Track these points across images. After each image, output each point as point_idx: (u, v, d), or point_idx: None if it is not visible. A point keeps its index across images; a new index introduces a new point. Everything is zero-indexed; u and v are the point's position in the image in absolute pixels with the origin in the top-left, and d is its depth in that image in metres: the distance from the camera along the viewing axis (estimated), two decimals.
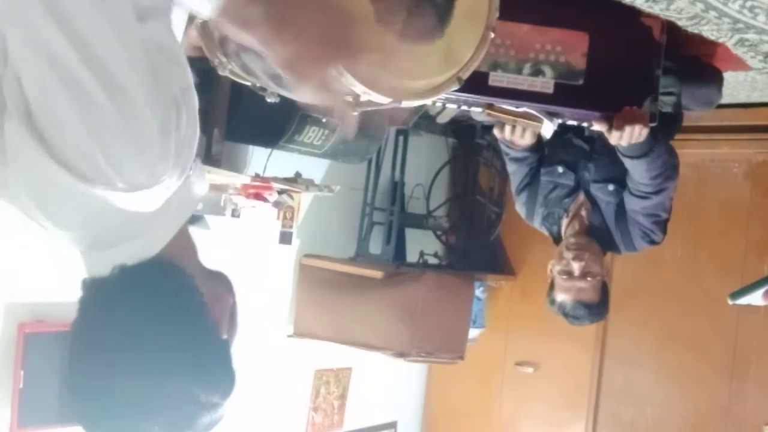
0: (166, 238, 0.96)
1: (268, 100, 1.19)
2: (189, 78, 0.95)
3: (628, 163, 2.32)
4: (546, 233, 2.70)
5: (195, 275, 0.99)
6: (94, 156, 0.84)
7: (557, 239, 2.65)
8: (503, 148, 2.63)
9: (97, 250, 0.94)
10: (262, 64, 1.08)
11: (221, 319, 1.03)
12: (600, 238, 2.53)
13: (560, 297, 2.51)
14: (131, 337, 0.92)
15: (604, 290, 2.54)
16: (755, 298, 1.16)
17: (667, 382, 3.80)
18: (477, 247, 4.09)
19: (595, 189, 2.54)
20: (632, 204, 2.45)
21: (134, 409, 0.92)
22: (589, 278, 2.46)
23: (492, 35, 1.03)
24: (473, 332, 3.93)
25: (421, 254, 3.83)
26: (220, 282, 1.06)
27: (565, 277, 2.48)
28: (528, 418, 4.17)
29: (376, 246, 3.73)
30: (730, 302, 1.19)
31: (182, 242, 1.00)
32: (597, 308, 2.52)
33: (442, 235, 4.15)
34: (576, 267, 2.45)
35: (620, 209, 2.51)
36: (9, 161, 0.88)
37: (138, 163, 0.86)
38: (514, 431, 4.21)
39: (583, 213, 2.56)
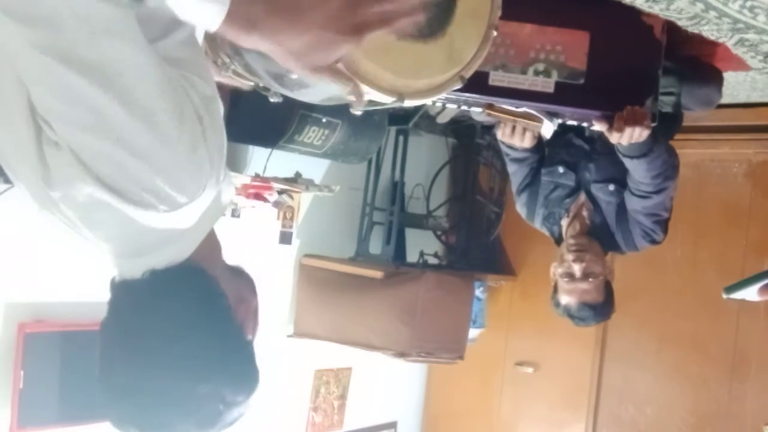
0: (195, 243, 0.99)
1: (271, 100, 1.19)
2: (211, 86, 0.96)
3: (628, 163, 2.32)
4: (547, 233, 2.70)
5: (220, 276, 1.02)
6: (129, 185, 0.86)
7: (558, 240, 2.65)
8: (504, 148, 2.63)
9: (131, 257, 0.96)
10: (264, 64, 1.08)
11: (245, 320, 1.05)
12: (601, 238, 2.53)
13: (564, 299, 2.51)
14: (162, 340, 0.95)
15: (608, 289, 2.53)
16: (750, 294, 1.15)
17: (667, 382, 3.80)
18: (477, 247, 4.09)
19: (595, 189, 2.54)
20: (633, 204, 2.45)
21: (168, 409, 0.95)
22: (591, 279, 2.46)
23: (495, 34, 1.03)
24: (473, 332, 3.92)
25: (421, 254, 3.83)
26: (244, 281, 1.09)
27: (567, 279, 2.47)
28: (528, 418, 4.17)
29: (376, 246, 3.73)
30: (725, 296, 1.18)
31: (209, 244, 1.02)
32: (602, 308, 2.52)
33: (442, 235, 4.15)
34: (577, 269, 2.45)
35: (621, 209, 2.51)
36: (54, 183, 0.89)
37: (174, 184, 0.88)
38: (514, 431, 4.21)
39: (585, 213, 2.56)
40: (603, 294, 2.50)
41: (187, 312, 0.96)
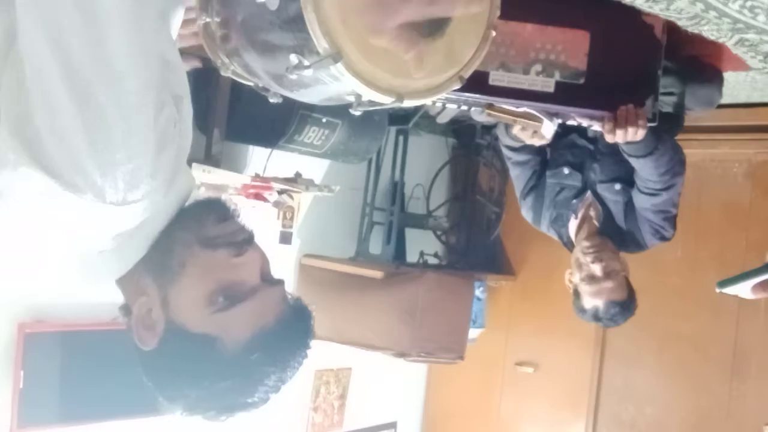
0: (139, 253, 0.99)
1: (271, 100, 1.18)
2: (185, 85, 0.95)
3: (634, 162, 2.32)
4: (555, 236, 2.69)
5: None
6: (89, 166, 0.83)
7: (567, 243, 2.64)
8: (505, 152, 2.63)
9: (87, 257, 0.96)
10: (264, 64, 1.08)
11: (236, 269, 1.03)
12: (611, 237, 2.52)
13: (590, 303, 2.48)
14: (185, 377, 1.01)
15: (629, 285, 2.52)
16: (744, 290, 1.15)
17: (667, 382, 3.80)
18: (477, 247, 4.09)
19: (601, 189, 2.53)
20: (642, 201, 2.44)
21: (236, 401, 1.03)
22: (612, 277, 2.44)
23: (493, 34, 1.03)
24: (473, 332, 3.92)
25: (421, 254, 3.83)
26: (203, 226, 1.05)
27: (589, 281, 2.45)
28: (528, 418, 4.17)
29: (376, 246, 3.73)
30: (717, 290, 1.17)
31: None
32: (628, 304, 2.50)
33: (442, 235, 4.15)
34: (598, 268, 2.43)
35: (629, 208, 2.50)
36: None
37: (133, 178, 0.86)
38: (514, 431, 4.21)
39: (592, 213, 2.55)
40: (626, 289, 2.49)
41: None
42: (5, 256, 1.01)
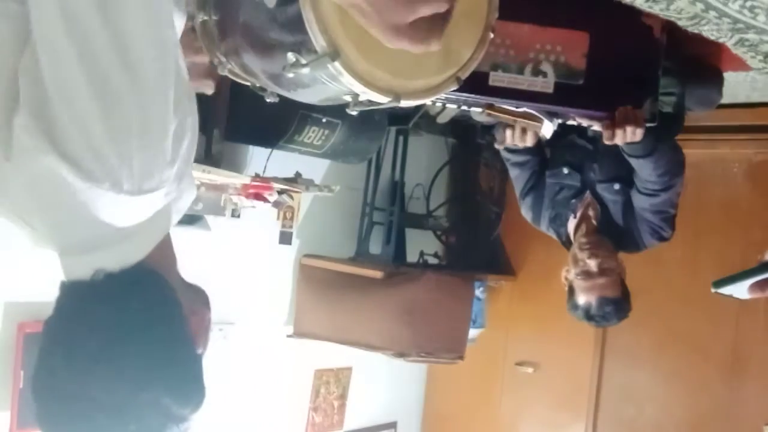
0: (150, 245, 0.94)
1: (268, 100, 1.19)
2: (190, 85, 0.96)
3: (633, 162, 2.32)
4: (554, 236, 2.69)
5: (176, 286, 0.97)
6: (107, 154, 0.83)
7: (566, 242, 2.65)
8: (504, 153, 2.63)
9: (79, 253, 0.92)
10: (261, 64, 1.08)
11: (197, 333, 1.01)
12: (610, 237, 2.53)
13: (583, 299, 2.49)
14: (110, 343, 0.89)
15: (624, 286, 2.53)
16: (740, 290, 1.13)
17: (667, 381, 3.80)
18: (477, 247, 4.09)
19: (601, 189, 2.54)
20: (640, 202, 2.45)
21: (106, 416, 0.89)
22: (607, 274, 2.45)
23: (491, 35, 1.03)
24: (473, 332, 3.92)
25: (421, 254, 3.83)
26: (198, 295, 1.05)
27: (583, 277, 2.46)
28: (528, 418, 4.16)
29: (376, 246, 3.73)
30: (713, 290, 1.16)
31: (165, 252, 0.98)
32: (621, 303, 2.51)
33: (442, 235, 4.15)
34: (593, 264, 2.44)
35: (627, 208, 2.51)
36: (13, 155, 0.87)
37: (149, 166, 0.86)
38: (513, 431, 4.21)
39: (591, 213, 2.56)
40: (620, 288, 2.49)
41: (138, 315, 0.90)
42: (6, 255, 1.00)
